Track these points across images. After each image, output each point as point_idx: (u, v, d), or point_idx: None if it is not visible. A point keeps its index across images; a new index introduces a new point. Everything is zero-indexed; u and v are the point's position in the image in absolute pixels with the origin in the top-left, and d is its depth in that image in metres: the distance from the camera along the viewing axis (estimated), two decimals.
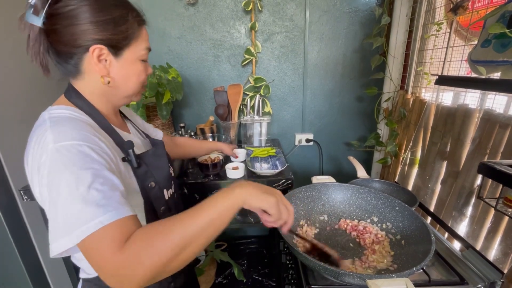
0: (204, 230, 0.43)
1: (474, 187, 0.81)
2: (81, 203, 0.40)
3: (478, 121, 0.83)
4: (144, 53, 0.56)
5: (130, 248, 0.40)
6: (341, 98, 1.48)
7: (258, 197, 0.49)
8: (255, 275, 1.50)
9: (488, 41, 0.71)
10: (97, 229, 0.39)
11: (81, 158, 0.43)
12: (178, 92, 1.22)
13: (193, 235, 0.42)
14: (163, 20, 1.33)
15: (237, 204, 0.47)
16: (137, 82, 0.57)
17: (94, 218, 0.40)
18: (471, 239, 0.79)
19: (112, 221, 0.40)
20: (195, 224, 0.43)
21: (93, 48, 0.49)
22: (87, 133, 0.46)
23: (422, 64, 1.12)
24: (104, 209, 0.41)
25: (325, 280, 0.66)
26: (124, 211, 0.43)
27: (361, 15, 1.33)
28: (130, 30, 0.52)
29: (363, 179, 1.06)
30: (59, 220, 0.40)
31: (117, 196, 0.43)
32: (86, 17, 0.48)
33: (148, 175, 0.58)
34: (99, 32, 0.49)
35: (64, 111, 0.50)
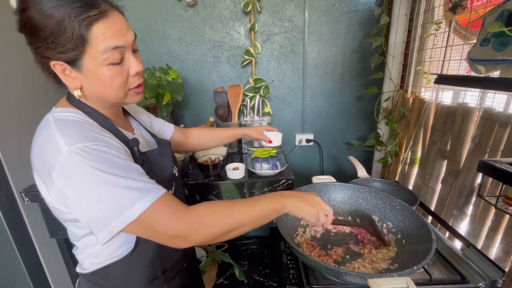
0: (255, 220, 0.51)
1: (475, 185, 0.81)
2: (123, 190, 0.43)
3: (478, 120, 0.83)
4: (107, 56, 0.46)
5: (193, 215, 0.47)
6: (341, 98, 1.48)
7: (301, 210, 0.57)
8: (256, 276, 1.50)
9: (487, 40, 0.71)
10: (150, 203, 0.44)
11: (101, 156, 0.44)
12: (178, 93, 1.23)
13: (246, 220, 0.50)
14: (163, 22, 1.34)
15: (283, 210, 0.56)
16: (113, 88, 0.50)
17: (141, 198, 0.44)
18: (472, 237, 0.79)
19: (160, 195, 0.45)
20: (250, 213, 0.51)
21: (52, 65, 0.46)
22: (95, 134, 0.47)
23: (422, 63, 1.12)
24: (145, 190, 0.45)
25: (326, 279, 0.66)
26: (159, 189, 0.47)
27: (360, 15, 1.33)
28: (72, 39, 0.43)
29: (364, 179, 1.06)
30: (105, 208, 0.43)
31: (146, 179, 0.47)
32: (29, 42, 0.45)
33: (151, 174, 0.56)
34: (47, 51, 0.44)
35: (68, 114, 0.50)
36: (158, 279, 0.61)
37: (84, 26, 0.43)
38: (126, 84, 0.51)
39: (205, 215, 0.48)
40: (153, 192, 0.46)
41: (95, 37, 0.44)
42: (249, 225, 0.51)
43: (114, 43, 0.46)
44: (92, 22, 0.43)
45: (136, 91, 0.54)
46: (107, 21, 0.45)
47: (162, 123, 0.81)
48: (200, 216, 0.47)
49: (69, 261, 1.13)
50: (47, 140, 0.45)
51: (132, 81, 0.52)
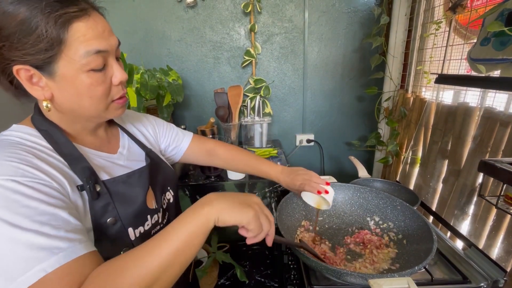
0: (172, 260, 0.36)
1: (476, 185, 0.81)
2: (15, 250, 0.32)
3: (478, 119, 0.82)
4: (87, 61, 0.39)
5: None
6: (341, 98, 1.48)
7: (232, 212, 0.40)
8: (257, 276, 1.50)
9: (487, 39, 0.71)
10: (39, 278, 0.31)
11: (8, 196, 0.34)
12: (179, 95, 1.23)
13: (158, 268, 0.35)
14: (163, 23, 1.34)
15: (207, 225, 0.39)
16: (93, 98, 0.43)
17: (34, 265, 0.32)
18: (474, 237, 0.79)
19: (59, 266, 0.33)
20: (160, 256, 0.35)
21: (15, 70, 0.37)
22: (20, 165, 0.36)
23: (422, 63, 1.12)
24: (44, 252, 0.33)
25: (327, 280, 0.66)
26: (75, 249, 0.35)
27: (360, 15, 1.33)
28: (45, 38, 0.36)
29: (364, 179, 1.06)
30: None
31: (62, 233, 0.35)
32: None
33: (109, 209, 0.45)
34: (9, 51, 0.36)
35: (16, 133, 0.42)
36: None
37: (61, 24, 0.36)
38: (108, 94, 0.44)
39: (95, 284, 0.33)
40: (53, 258, 0.33)
41: (74, 37, 0.38)
42: (170, 269, 0.36)
43: (97, 47, 0.40)
44: (71, 20, 0.37)
45: (119, 103, 0.47)
46: (89, 21, 0.39)
47: (175, 134, 0.68)
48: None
49: None
50: None
51: (115, 91, 0.45)
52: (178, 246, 0.36)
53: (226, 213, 0.40)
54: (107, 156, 0.51)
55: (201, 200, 0.41)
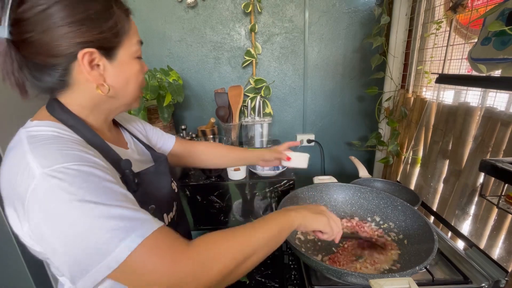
0: (267, 242, 0.45)
1: (477, 185, 0.81)
2: (109, 222, 0.34)
3: (479, 119, 0.82)
4: (138, 48, 0.48)
5: (193, 255, 0.36)
6: (342, 98, 1.48)
7: (312, 220, 0.53)
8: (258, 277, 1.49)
9: (488, 39, 0.71)
10: (140, 242, 0.34)
11: (85, 179, 0.36)
12: (179, 95, 1.23)
13: (257, 245, 0.43)
14: (163, 23, 1.34)
15: (293, 225, 0.50)
16: (136, 85, 0.50)
17: (128, 235, 0.34)
18: (475, 237, 0.79)
19: (153, 231, 0.36)
20: (258, 236, 0.44)
21: (82, 54, 0.40)
22: (78, 152, 0.38)
23: (423, 63, 1.12)
24: (135, 222, 0.35)
25: (327, 280, 0.66)
26: (156, 221, 0.38)
27: (361, 15, 1.33)
28: (119, 24, 0.43)
29: (365, 179, 1.06)
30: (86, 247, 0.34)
31: (140, 208, 0.38)
32: (63, 17, 0.38)
33: (147, 198, 0.50)
34: (84, 33, 0.40)
35: (46, 128, 0.42)
36: None
37: (126, 16, 0.46)
38: (142, 81, 0.52)
39: (208, 248, 0.38)
40: (145, 226, 0.36)
41: (131, 27, 0.47)
42: (260, 252, 0.43)
43: (139, 38, 0.49)
44: (129, 14, 0.47)
45: (141, 95, 0.54)
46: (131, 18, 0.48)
47: (160, 134, 0.72)
48: (202, 251, 0.37)
49: None
50: (17, 162, 0.37)
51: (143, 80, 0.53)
52: (270, 235, 0.45)
53: (308, 220, 0.52)
54: (124, 151, 0.55)
55: (286, 208, 0.53)
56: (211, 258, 0.37)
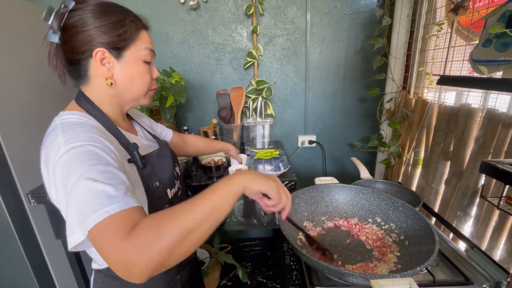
0: (209, 215, 0.44)
1: (479, 186, 0.81)
2: (90, 194, 0.42)
3: (481, 121, 0.82)
4: (145, 53, 0.58)
5: (136, 235, 0.40)
6: (343, 100, 1.48)
7: (258, 181, 0.51)
8: (259, 277, 1.50)
9: (489, 41, 0.72)
10: (104, 218, 0.40)
11: (89, 155, 0.46)
12: (181, 96, 1.24)
13: (198, 219, 0.43)
14: (166, 25, 1.35)
15: (239, 189, 0.49)
16: (141, 83, 0.59)
17: (101, 208, 0.41)
18: (476, 239, 0.79)
19: (119, 211, 0.42)
20: (200, 209, 0.44)
21: (95, 52, 0.52)
22: (94, 135, 0.49)
23: (424, 64, 1.12)
24: (111, 199, 0.42)
25: (329, 280, 0.66)
26: (130, 202, 0.44)
27: (362, 16, 1.34)
28: (128, 32, 0.55)
29: (366, 180, 1.06)
30: (73, 213, 0.42)
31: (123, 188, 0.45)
32: (91, 23, 0.52)
33: (153, 175, 0.60)
34: (101, 36, 0.53)
35: (73, 116, 0.53)
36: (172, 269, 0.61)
37: (136, 29, 0.57)
38: (149, 83, 0.61)
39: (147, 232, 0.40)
40: (115, 204, 0.42)
41: (140, 38, 0.58)
42: (208, 221, 0.44)
43: (150, 46, 0.60)
44: (141, 28, 0.58)
45: (152, 93, 0.64)
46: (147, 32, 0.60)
47: (162, 128, 0.87)
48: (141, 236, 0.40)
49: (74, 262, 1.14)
50: (52, 142, 0.48)
51: (152, 83, 0.63)
52: (214, 204, 0.46)
53: (253, 182, 0.50)
54: (135, 137, 0.66)
55: (232, 173, 0.52)
56: (151, 240, 0.40)
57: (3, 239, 0.97)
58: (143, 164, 0.58)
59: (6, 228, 0.96)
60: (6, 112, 0.96)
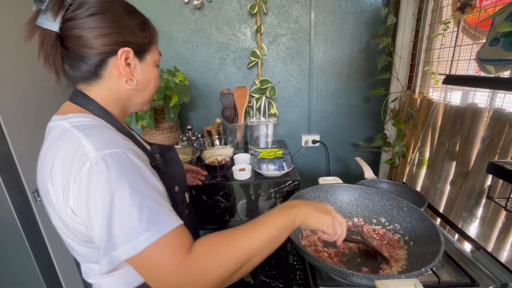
0: (265, 246, 0.44)
1: (485, 187, 0.80)
2: (136, 212, 0.38)
3: (487, 121, 0.81)
4: (158, 58, 0.59)
5: (195, 260, 0.38)
6: (347, 99, 1.47)
7: (315, 219, 0.51)
8: (262, 277, 1.50)
9: (496, 40, 0.71)
10: (157, 238, 0.37)
11: (129, 166, 0.41)
12: (185, 95, 1.24)
13: (256, 250, 0.43)
14: (170, 25, 1.36)
15: (295, 224, 0.49)
16: (154, 87, 0.59)
17: (149, 228, 0.38)
18: (482, 240, 0.78)
19: (171, 230, 0.39)
20: (259, 240, 0.43)
21: (122, 51, 0.49)
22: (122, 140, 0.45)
23: (429, 63, 1.11)
24: (159, 217, 0.39)
25: (333, 280, 0.66)
26: (176, 219, 0.41)
27: (367, 15, 1.33)
28: (151, 36, 0.55)
29: (371, 180, 1.05)
30: (114, 231, 0.38)
31: (167, 203, 0.43)
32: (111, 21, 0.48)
33: (173, 180, 0.57)
34: (128, 35, 0.50)
35: (84, 119, 0.47)
36: None
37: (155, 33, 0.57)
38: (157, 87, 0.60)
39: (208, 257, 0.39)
40: (165, 223, 0.39)
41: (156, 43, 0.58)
42: (261, 254, 0.44)
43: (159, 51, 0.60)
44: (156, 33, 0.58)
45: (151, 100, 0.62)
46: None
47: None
48: (202, 262, 0.38)
49: None
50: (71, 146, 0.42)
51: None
52: (274, 234, 0.45)
53: (311, 218, 0.50)
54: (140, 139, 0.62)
55: (290, 203, 0.52)
56: (211, 267, 0.39)
57: (10, 237, 0.98)
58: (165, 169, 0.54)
59: (13, 226, 0.97)
60: (13, 111, 0.97)
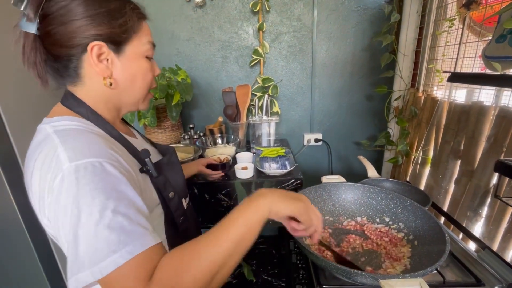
0: (234, 249, 0.39)
1: (490, 186, 0.79)
2: (105, 231, 0.35)
3: (493, 119, 0.80)
4: (148, 47, 0.51)
5: (159, 281, 0.35)
6: (350, 97, 1.46)
7: (284, 204, 0.45)
8: (264, 275, 1.50)
9: (503, 36, 0.70)
10: (123, 263, 0.35)
11: (103, 178, 0.37)
12: (188, 94, 1.24)
13: (224, 257, 0.38)
14: (172, 23, 1.35)
15: (264, 214, 0.43)
16: (143, 83, 0.52)
17: (119, 249, 0.35)
18: (487, 239, 0.77)
19: (139, 253, 0.36)
20: (225, 245, 0.39)
21: (91, 46, 0.44)
22: (104, 147, 0.41)
23: (434, 61, 1.10)
24: (130, 237, 0.36)
25: (336, 280, 0.66)
26: (150, 239, 0.38)
27: (370, 13, 1.32)
28: (129, 23, 0.47)
29: (374, 179, 1.05)
30: (80, 250, 0.35)
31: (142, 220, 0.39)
32: (80, 12, 0.42)
33: (167, 185, 0.53)
34: (96, 27, 0.44)
35: (69, 122, 0.44)
36: None
37: (138, 18, 0.49)
38: (150, 83, 0.54)
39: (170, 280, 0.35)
40: (136, 242, 0.36)
41: (142, 30, 0.50)
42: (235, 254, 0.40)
43: (152, 40, 0.52)
44: (142, 18, 0.50)
45: (150, 96, 0.57)
46: (147, 24, 0.52)
47: None
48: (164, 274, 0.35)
49: None
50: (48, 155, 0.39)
51: (153, 82, 0.55)
52: (240, 234, 0.40)
53: (279, 204, 0.44)
54: (135, 141, 0.57)
55: (256, 192, 0.46)
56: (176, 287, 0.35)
57: (14, 235, 0.99)
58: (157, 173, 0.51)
59: (16, 224, 0.98)
60: (16, 109, 0.97)
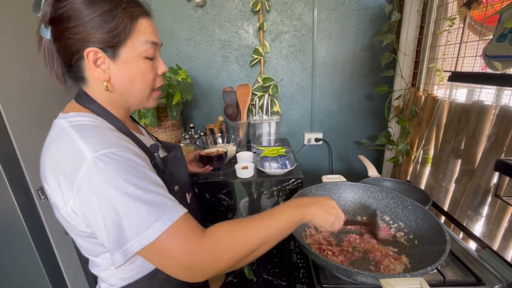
0: (275, 236, 0.47)
1: (490, 185, 0.79)
2: (143, 205, 0.39)
3: (494, 118, 0.80)
4: (145, 48, 0.49)
5: (211, 239, 0.41)
6: (350, 97, 1.46)
7: (321, 219, 0.55)
8: (265, 275, 1.50)
9: (504, 36, 0.69)
10: (168, 226, 0.39)
11: (127, 164, 0.41)
12: (188, 93, 1.24)
13: (267, 237, 0.46)
14: (172, 22, 1.35)
15: (302, 221, 0.52)
16: (142, 84, 0.51)
17: (159, 218, 0.39)
18: (488, 239, 0.77)
19: (178, 218, 0.41)
20: (271, 229, 0.47)
21: (87, 52, 0.45)
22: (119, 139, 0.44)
23: (434, 60, 1.10)
24: (165, 208, 0.41)
25: (337, 279, 0.66)
26: (181, 208, 0.43)
27: (371, 12, 1.31)
28: (121, 26, 0.46)
29: (374, 178, 1.05)
30: (124, 225, 0.39)
31: (169, 195, 0.44)
32: (76, 18, 0.44)
33: (173, 179, 0.56)
34: (89, 34, 0.44)
35: (84, 118, 0.47)
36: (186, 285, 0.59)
37: (132, 18, 0.47)
38: (153, 82, 0.54)
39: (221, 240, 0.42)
40: (172, 211, 0.41)
41: (138, 29, 0.48)
42: (269, 243, 0.47)
43: (152, 39, 0.50)
44: (139, 16, 0.48)
45: (157, 94, 0.57)
46: (149, 20, 0.50)
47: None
48: (215, 244, 0.41)
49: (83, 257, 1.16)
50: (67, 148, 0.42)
51: (158, 80, 0.55)
52: (281, 228, 0.48)
53: (316, 218, 0.54)
54: (143, 138, 0.59)
55: (299, 201, 0.55)
56: (222, 250, 0.42)
57: (15, 234, 0.99)
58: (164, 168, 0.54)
59: (18, 223, 0.98)
60: (17, 109, 0.97)
